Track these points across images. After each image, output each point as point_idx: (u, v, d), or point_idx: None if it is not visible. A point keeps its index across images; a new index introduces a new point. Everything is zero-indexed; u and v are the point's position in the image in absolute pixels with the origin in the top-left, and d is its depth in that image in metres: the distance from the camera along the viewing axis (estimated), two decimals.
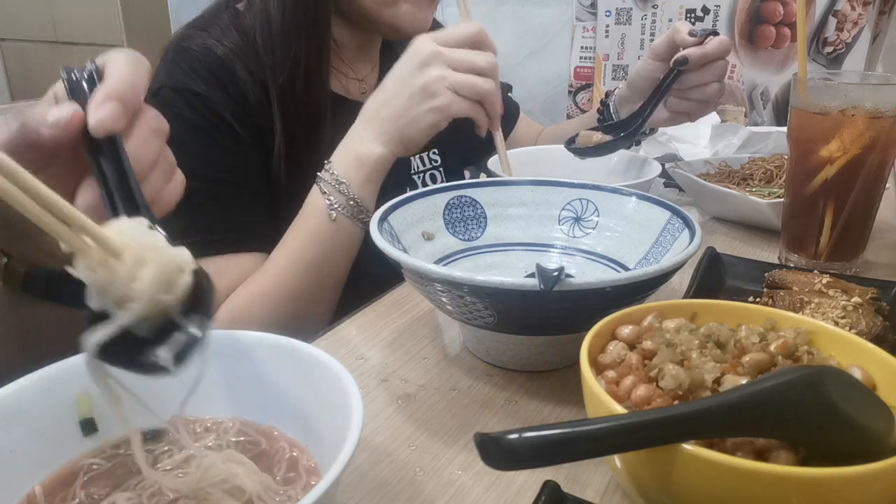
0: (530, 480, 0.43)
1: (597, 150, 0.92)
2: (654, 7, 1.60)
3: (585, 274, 0.64)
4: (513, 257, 0.67)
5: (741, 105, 1.55)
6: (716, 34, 0.90)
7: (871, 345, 0.40)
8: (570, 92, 1.82)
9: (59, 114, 0.40)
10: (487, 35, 0.72)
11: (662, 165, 0.94)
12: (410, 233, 0.63)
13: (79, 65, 0.43)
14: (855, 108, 0.66)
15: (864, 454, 0.31)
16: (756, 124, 1.52)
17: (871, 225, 0.73)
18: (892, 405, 0.35)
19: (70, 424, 0.39)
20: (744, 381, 0.36)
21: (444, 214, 0.66)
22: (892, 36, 1.41)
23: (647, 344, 0.41)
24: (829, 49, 1.45)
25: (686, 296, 0.59)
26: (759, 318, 0.44)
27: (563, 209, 0.68)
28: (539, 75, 1.98)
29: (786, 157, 0.90)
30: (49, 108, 0.41)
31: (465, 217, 0.68)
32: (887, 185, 0.73)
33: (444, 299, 0.51)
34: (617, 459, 0.36)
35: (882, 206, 0.73)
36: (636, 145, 1.09)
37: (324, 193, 0.72)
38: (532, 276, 0.45)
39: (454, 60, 0.69)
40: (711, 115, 1.14)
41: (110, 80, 0.42)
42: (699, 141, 1.18)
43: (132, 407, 0.35)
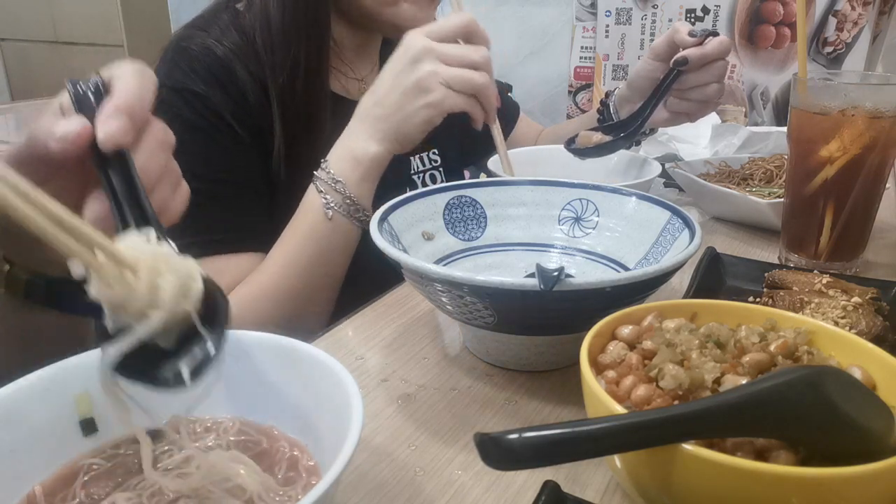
0: (530, 480, 0.43)
1: (596, 151, 0.92)
2: (654, 7, 1.60)
3: (585, 274, 0.64)
4: (513, 257, 0.67)
5: (741, 105, 1.55)
6: (715, 35, 0.90)
7: (871, 345, 0.40)
8: (570, 92, 1.81)
9: (67, 128, 0.40)
10: (479, 25, 0.71)
11: (662, 165, 0.94)
12: (410, 233, 0.63)
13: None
14: (855, 108, 0.66)
15: (864, 454, 0.31)
16: (756, 124, 1.52)
17: (871, 225, 0.73)
18: (892, 405, 0.35)
19: (70, 424, 0.39)
20: (744, 381, 0.36)
21: (444, 214, 0.66)
22: (892, 36, 1.41)
23: (647, 344, 0.41)
24: (829, 49, 1.45)
25: (686, 296, 0.59)
26: (759, 318, 0.44)
27: (563, 209, 0.68)
28: (539, 75, 1.98)
29: (786, 157, 0.90)
30: (57, 122, 0.40)
31: (465, 217, 0.68)
32: (887, 185, 0.73)
33: (444, 299, 0.51)
34: (617, 459, 0.36)
35: (882, 206, 0.73)
36: (636, 145, 1.09)
37: (320, 192, 0.72)
38: (532, 276, 0.45)
39: (446, 55, 0.68)
40: (711, 116, 1.14)
41: (118, 94, 0.42)
42: (699, 141, 1.17)
43: (134, 409, 0.35)
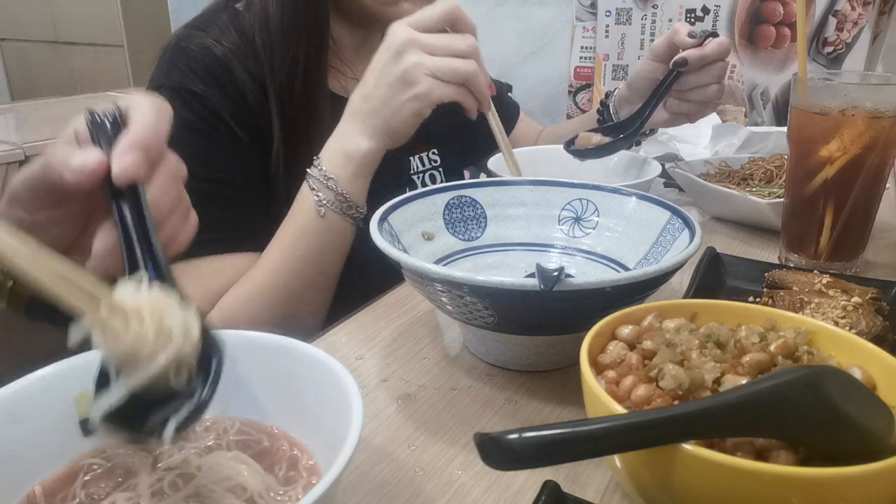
0: (530, 480, 0.43)
1: (596, 152, 0.92)
2: (654, 7, 1.60)
3: (585, 274, 0.64)
4: (513, 257, 0.67)
5: (741, 105, 1.54)
6: (715, 35, 0.90)
7: (871, 345, 0.40)
8: (570, 92, 1.81)
9: (84, 160, 0.39)
10: (463, 11, 0.70)
11: (662, 165, 0.94)
12: (410, 233, 0.63)
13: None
14: (855, 108, 0.66)
15: (864, 454, 0.31)
16: (756, 124, 1.52)
17: (871, 225, 0.73)
18: (892, 405, 0.35)
19: (70, 424, 0.39)
20: (744, 381, 0.36)
21: (444, 214, 0.66)
22: (892, 36, 1.41)
23: (647, 344, 0.41)
24: (829, 49, 1.45)
25: (686, 296, 0.59)
26: (759, 318, 0.44)
27: (563, 209, 0.68)
28: (539, 75, 1.98)
29: (786, 157, 0.90)
30: (73, 153, 0.40)
31: (465, 217, 0.68)
32: (887, 185, 0.73)
33: (444, 299, 0.51)
34: (617, 459, 0.36)
35: (882, 206, 0.73)
36: (636, 146, 1.09)
37: (313, 190, 0.72)
38: (532, 276, 0.45)
39: (430, 45, 0.67)
40: (712, 116, 1.14)
41: (135, 128, 0.41)
42: (699, 141, 1.17)
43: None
